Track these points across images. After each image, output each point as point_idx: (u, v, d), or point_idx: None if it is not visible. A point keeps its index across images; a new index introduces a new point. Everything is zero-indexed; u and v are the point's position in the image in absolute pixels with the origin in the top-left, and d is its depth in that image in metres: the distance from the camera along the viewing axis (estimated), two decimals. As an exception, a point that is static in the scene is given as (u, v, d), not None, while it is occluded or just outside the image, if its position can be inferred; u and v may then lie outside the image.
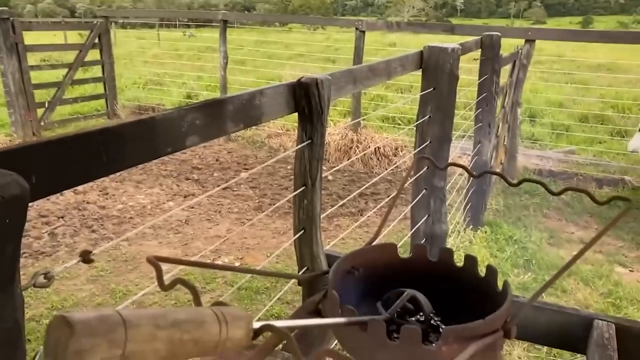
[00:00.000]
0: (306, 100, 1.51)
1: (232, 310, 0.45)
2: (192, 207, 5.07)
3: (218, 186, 5.66)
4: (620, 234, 4.82)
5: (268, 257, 4.00)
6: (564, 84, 9.59)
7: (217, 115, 1.24)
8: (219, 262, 4.15)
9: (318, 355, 0.47)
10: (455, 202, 4.31)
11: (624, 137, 7.18)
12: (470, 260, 0.74)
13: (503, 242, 4.43)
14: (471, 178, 4.52)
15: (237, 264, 4.11)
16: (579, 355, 3.03)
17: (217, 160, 6.66)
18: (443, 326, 0.57)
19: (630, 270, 4.24)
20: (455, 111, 3.21)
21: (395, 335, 0.55)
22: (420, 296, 0.64)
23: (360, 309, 0.59)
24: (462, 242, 4.20)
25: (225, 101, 1.27)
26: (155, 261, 0.56)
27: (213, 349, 0.43)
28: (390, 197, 5.08)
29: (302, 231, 1.64)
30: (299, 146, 1.55)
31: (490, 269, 0.72)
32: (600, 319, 1.42)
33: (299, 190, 1.60)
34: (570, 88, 9.20)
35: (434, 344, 0.55)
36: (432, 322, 0.63)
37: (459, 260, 0.75)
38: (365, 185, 5.14)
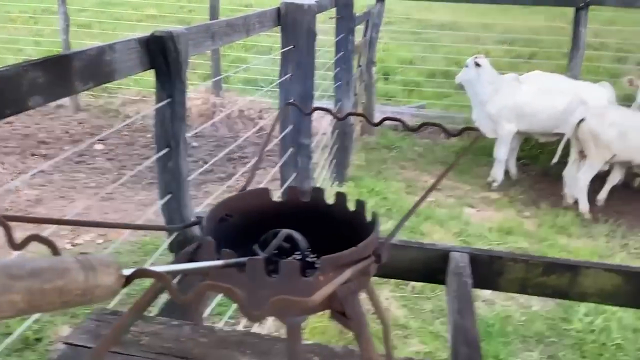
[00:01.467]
0: (162, 56, 1.43)
1: (98, 257, 0.42)
2: (43, 185, 4.63)
3: (70, 160, 5.24)
4: (467, 179, 5.32)
5: (135, 231, 3.81)
6: (413, 43, 10.17)
7: (63, 73, 1.13)
8: (79, 241, 3.88)
9: (200, 290, 0.46)
10: (321, 160, 4.43)
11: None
12: (340, 196, 0.77)
13: (366, 194, 4.66)
14: (334, 136, 4.67)
15: (99, 242, 3.88)
16: (438, 290, 3.36)
17: (66, 132, 6.12)
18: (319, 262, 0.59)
19: (478, 210, 4.72)
20: (316, 71, 3.26)
21: (274, 276, 0.56)
22: (296, 234, 0.65)
23: (237, 254, 0.58)
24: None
25: (70, 57, 1.15)
26: (3, 220, 0.50)
27: (81, 297, 0.39)
28: (261, 145, 5.03)
29: (169, 195, 1.58)
30: (158, 105, 1.47)
31: (359, 203, 0.75)
32: (456, 251, 1.57)
33: (162, 152, 1.53)
34: (419, 46, 9.79)
35: (312, 276, 0.56)
36: (308, 259, 0.65)
37: (330, 199, 0.77)
38: (230, 148, 5.08)
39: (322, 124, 5.56)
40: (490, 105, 4.98)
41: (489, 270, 1.55)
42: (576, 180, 4.64)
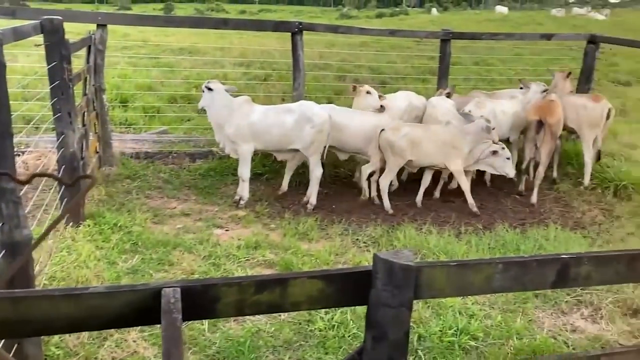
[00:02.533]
0: None
1: None
2: None
3: None
4: (214, 200, 5.37)
5: None
6: (151, 68, 9.95)
7: None
8: None
9: None
10: (46, 201, 3.96)
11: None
12: None
13: (108, 231, 4.34)
14: (61, 173, 4.23)
15: None
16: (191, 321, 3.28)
17: None
18: None
19: (226, 230, 4.79)
20: (24, 101, 2.89)
21: None
22: None
23: None
24: (63, 242, 3.92)
25: None
26: None
27: None
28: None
29: None
30: None
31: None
32: (168, 287, 1.52)
33: None
34: (158, 71, 9.62)
35: None
36: None
37: None
38: None
39: (48, 160, 5.01)
40: (227, 127, 5.13)
41: (204, 299, 1.54)
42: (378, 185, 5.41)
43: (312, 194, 5.33)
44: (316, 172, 5.28)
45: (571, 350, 3.25)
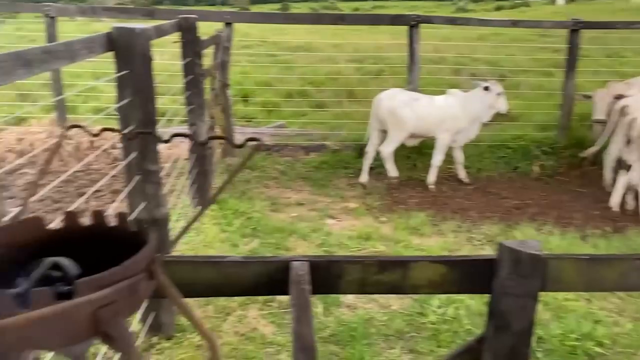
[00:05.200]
0: (-41, 86, 1.31)
1: None
2: None
3: None
4: (327, 191, 5.51)
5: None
6: (270, 65, 10.37)
7: None
8: None
9: None
10: (178, 185, 4.32)
11: (321, 108, 8.17)
12: (121, 216, 0.76)
13: (231, 216, 4.63)
14: (193, 160, 4.59)
15: None
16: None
17: None
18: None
19: (338, 220, 4.90)
20: (165, 96, 3.18)
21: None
22: (64, 261, 0.62)
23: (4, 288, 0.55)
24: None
25: None
26: None
27: None
28: (37, 173, 4.85)
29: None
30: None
31: (138, 222, 0.74)
32: (296, 260, 1.61)
33: (-31, 192, 1.39)
34: (275, 68, 10.01)
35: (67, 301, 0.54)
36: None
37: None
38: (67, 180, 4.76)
39: (180, 149, 5.44)
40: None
41: (329, 274, 1.61)
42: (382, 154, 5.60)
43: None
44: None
45: None
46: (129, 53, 2.45)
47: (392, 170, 5.58)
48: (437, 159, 5.53)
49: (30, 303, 0.51)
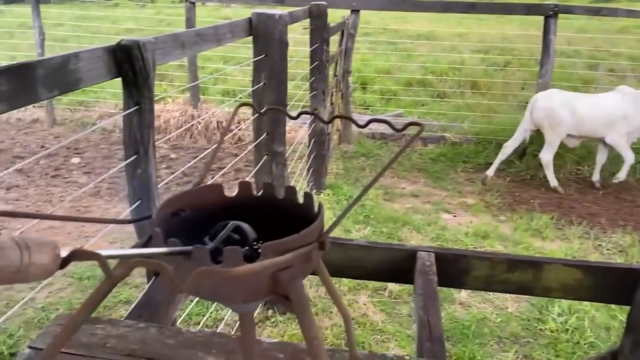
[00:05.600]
0: (129, 64, 1.45)
1: (35, 237, 0.44)
2: (18, 200, 4.59)
3: (46, 174, 5.19)
4: (444, 185, 5.39)
5: (111, 242, 3.79)
6: (390, 53, 10.29)
7: (26, 81, 1.14)
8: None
9: (131, 265, 0.48)
10: (297, 168, 4.46)
11: (442, 98, 7.97)
12: (290, 190, 0.80)
13: (344, 202, 4.70)
14: (312, 145, 4.71)
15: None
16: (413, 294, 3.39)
17: (42, 147, 6.06)
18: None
19: (454, 216, 4.78)
20: (290, 80, 3.29)
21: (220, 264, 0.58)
22: (244, 225, 0.68)
23: (188, 246, 0.60)
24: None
25: (33, 65, 1.17)
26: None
27: (15, 275, 0.41)
28: (219, 141, 5.11)
29: (139, 201, 1.59)
30: (126, 112, 1.49)
31: (307, 196, 0.78)
32: (423, 250, 1.60)
33: (130, 159, 1.54)
34: (396, 56, 9.91)
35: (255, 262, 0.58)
36: (257, 250, 0.67)
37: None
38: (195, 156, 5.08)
39: (300, 133, 5.60)
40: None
41: (455, 268, 1.59)
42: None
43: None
44: None
45: None
46: (267, 38, 2.56)
47: (552, 180, 5.20)
48: (629, 157, 5.12)
49: (222, 260, 0.57)
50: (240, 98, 7.72)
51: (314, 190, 4.67)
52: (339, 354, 1.07)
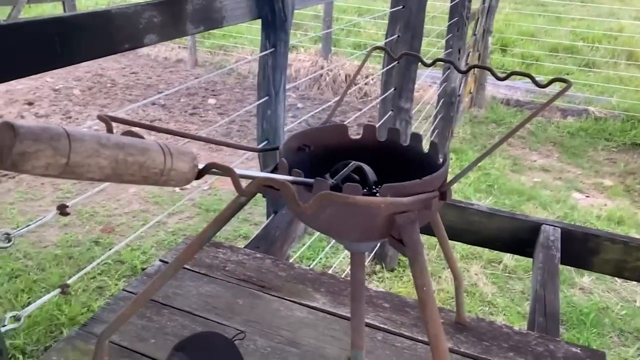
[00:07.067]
0: (269, 6, 1.48)
1: (177, 146, 0.48)
2: (158, 133, 5.01)
3: (185, 112, 5.59)
4: (580, 162, 4.99)
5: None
6: (537, 14, 9.52)
7: (176, 15, 1.21)
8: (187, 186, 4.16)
9: (256, 183, 0.50)
10: (421, 128, 4.36)
11: (591, 68, 7.27)
12: (416, 137, 0.78)
13: (467, 168, 4.54)
14: (439, 105, 4.56)
15: (205, 189, 4.14)
16: (531, 272, 3.23)
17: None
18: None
19: (587, 196, 4.42)
20: (426, 38, 3.17)
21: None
22: (366, 167, 0.67)
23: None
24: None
25: (184, 0, 1.24)
26: (106, 117, 0.57)
27: (158, 176, 0.45)
28: (348, 83, 5.10)
29: (265, 142, 1.66)
30: (262, 54, 1.53)
31: (433, 145, 0.75)
32: (548, 224, 1.51)
33: (262, 100, 1.60)
34: (543, 19, 9.15)
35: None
36: (376, 194, 0.67)
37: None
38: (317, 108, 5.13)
39: (428, 93, 5.44)
40: None
41: (583, 248, 1.47)
42: None
43: None
44: None
45: None
46: (407, -12, 2.47)
47: None
48: None
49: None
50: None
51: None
52: (445, 313, 1.06)
